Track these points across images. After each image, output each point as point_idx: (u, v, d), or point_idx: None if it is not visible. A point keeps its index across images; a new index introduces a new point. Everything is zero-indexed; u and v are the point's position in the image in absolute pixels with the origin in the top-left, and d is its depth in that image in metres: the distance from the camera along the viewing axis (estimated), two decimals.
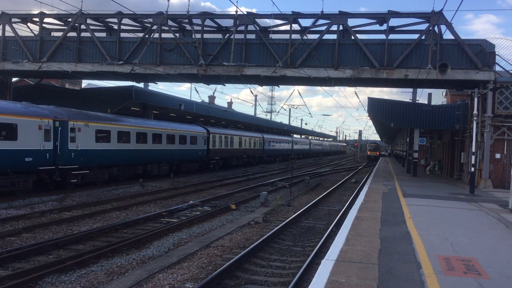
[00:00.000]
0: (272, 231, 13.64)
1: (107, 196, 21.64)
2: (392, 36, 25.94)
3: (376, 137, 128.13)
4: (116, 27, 28.31)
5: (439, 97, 51.92)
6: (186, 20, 27.43)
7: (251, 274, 9.98)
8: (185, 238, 13.38)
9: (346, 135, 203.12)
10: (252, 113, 79.94)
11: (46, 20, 29.11)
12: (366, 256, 8.42)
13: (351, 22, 25.84)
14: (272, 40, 26.60)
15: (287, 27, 26.77)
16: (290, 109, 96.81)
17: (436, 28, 24.65)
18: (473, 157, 22.88)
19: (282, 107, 74.95)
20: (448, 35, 25.21)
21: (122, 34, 28.12)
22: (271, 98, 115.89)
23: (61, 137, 21.62)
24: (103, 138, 24.67)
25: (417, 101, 40.25)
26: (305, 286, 8.88)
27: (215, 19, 27.78)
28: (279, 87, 43.88)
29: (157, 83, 33.37)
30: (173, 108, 37.76)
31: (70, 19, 27.94)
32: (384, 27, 25.61)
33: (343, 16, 25.55)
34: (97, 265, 10.33)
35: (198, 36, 26.92)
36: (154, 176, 30.16)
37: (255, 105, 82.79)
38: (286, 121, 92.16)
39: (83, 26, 27.83)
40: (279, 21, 27.33)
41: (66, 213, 16.79)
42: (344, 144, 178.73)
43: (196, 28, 27.39)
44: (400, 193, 19.98)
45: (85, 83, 52.63)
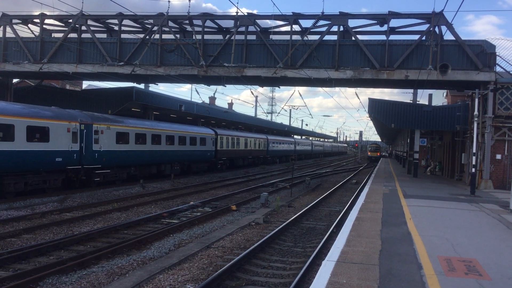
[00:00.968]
0: (273, 232, 13.63)
1: (107, 197, 21.64)
2: (392, 37, 25.95)
3: (377, 138, 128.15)
4: (116, 28, 28.33)
5: (439, 98, 51.94)
6: (187, 21, 27.44)
7: (252, 275, 9.97)
8: (186, 239, 13.37)
9: (346, 136, 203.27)
10: (253, 114, 79.97)
11: (46, 21, 29.16)
12: (367, 257, 8.41)
13: (352, 23, 25.90)
14: (272, 41, 26.61)
15: (288, 28, 26.81)
16: (290, 110, 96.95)
17: (436, 29, 24.64)
18: (474, 158, 22.87)
19: (282, 108, 75.10)
20: (448, 36, 25.24)
21: (123, 35, 28.14)
22: (272, 99, 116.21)
23: (86, 139, 23.28)
24: (122, 139, 26.36)
25: (417, 102, 40.24)
26: (306, 287, 8.87)
27: (216, 20, 27.79)
28: (279, 88, 44.09)
29: (157, 84, 33.43)
30: (173, 109, 37.80)
31: (70, 20, 27.97)
32: (385, 28, 25.62)
33: (343, 17, 25.55)
34: (98, 266, 10.32)
35: (199, 37, 26.93)
36: (167, 176, 31.48)
37: (256, 106, 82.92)
38: (286, 122, 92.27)
39: (83, 27, 27.85)
40: (280, 22, 27.35)
41: (66, 214, 16.79)
42: (345, 145, 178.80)
43: (196, 29, 27.40)
44: (400, 194, 19.97)
45: (85, 84, 52.70)
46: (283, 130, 77.84)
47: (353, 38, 25.70)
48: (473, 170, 22.59)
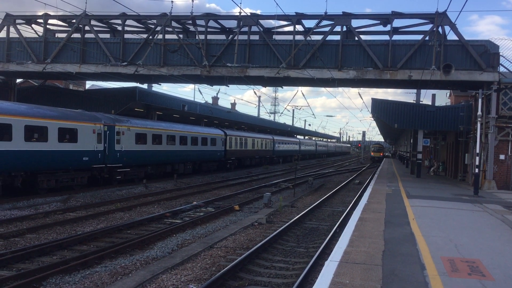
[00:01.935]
0: (276, 232, 13.64)
1: (110, 197, 21.69)
2: (396, 37, 25.91)
3: (380, 138, 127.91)
4: (120, 28, 28.37)
5: (443, 98, 51.93)
6: (190, 21, 27.45)
7: (255, 275, 9.98)
8: (189, 239, 13.38)
9: (349, 136, 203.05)
10: (256, 114, 80.00)
11: (50, 21, 29.23)
12: (370, 257, 8.41)
13: (355, 23, 25.96)
14: (275, 41, 26.60)
15: (291, 28, 26.77)
16: (293, 110, 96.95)
17: (440, 29, 24.59)
18: (477, 158, 22.82)
19: (285, 108, 75.17)
20: (452, 36, 25.10)
21: (126, 35, 28.18)
22: (275, 99, 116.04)
23: (109, 139, 24.79)
24: (141, 140, 27.93)
25: (421, 102, 40.17)
26: (308, 287, 8.87)
27: (219, 20, 27.82)
28: (282, 88, 44.15)
29: (160, 84, 33.49)
30: (176, 109, 37.86)
31: (74, 21, 28.03)
32: (388, 28, 25.58)
33: (346, 17, 25.53)
34: (101, 265, 10.34)
35: (202, 37, 26.94)
36: (180, 174, 32.95)
37: (259, 106, 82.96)
38: (289, 122, 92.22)
39: (87, 28, 27.90)
40: (283, 22, 27.35)
41: (70, 214, 16.83)
42: (348, 145, 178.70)
43: (199, 29, 27.43)
44: (404, 194, 19.94)
45: (89, 84, 52.81)
46: (286, 130, 77.85)
47: (356, 38, 25.66)
48: (477, 170, 22.53)
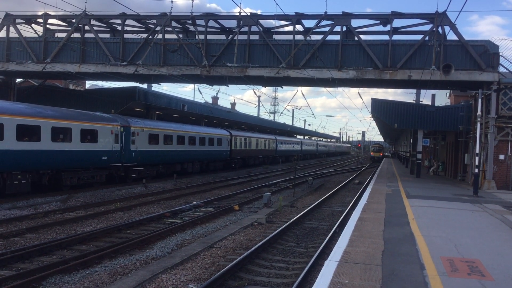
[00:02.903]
0: (275, 232, 13.64)
1: (110, 196, 21.69)
2: (395, 37, 25.91)
3: (380, 138, 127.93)
4: (120, 28, 28.35)
5: (442, 98, 51.86)
6: (190, 21, 27.45)
7: (255, 275, 9.98)
8: (188, 238, 13.38)
9: (349, 136, 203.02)
10: (256, 114, 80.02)
11: (50, 21, 29.20)
12: (370, 257, 8.41)
13: (355, 23, 25.98)
14: (275, 41, 26.59)
15: (291, 28, 26.77)
16: (293, 110, 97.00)
17: (439, 29, 24.60)
18: (477, 158, 22.82)
19: (285, 108, 75.19)
20: (452, 36, 25.10)
21: (126, 35, 28.16)
22: (275, 99, 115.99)
23: (125, 140, 26.27)
24: (154, 140, 29.46)
25: (420, 102, 40.18)
26: (308, 287, 8.87)
27: (219, 20, 27.81)
28: (282, 88, 44.32)
29: (160, 84, 33.51)
30: (176, 109, 37.86)
31: (74, 20, 28.01)
32: (388, 28, 25.58)
33: (346, 17, 25.52)
34: (101, 265, 10.35)
35: (202, 37, 26.93)
36: (189, 173, 35.01)
37: (258, 106, 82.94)
38: (289, 122, 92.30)
39: (87, 27, 27.89)
40: (283, 22, 27.34)
41: (69, 214, 16.83)
42: (348, 145, 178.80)
43: (199, 29, 27.41)
44: (403, 194, 19.95)
45: (88, 84, 52.78)
46: (286, 130, 77.92)
47: (356, 38, 25.66)
48: (476, 170, 22.53)
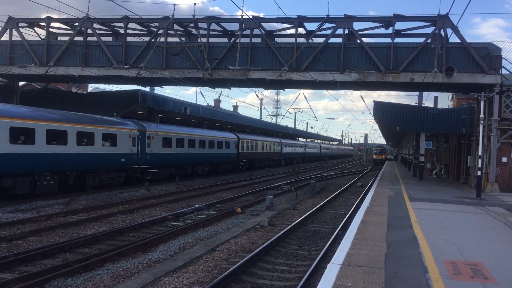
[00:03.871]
0: (278, 235, 13.63)
1: (113, 199, 21.71)
2: (398, 40, 25.94)
3: (382, 140, 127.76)
4: (122, 31, 28.43)
5: (445, 100, 51.81)
6: (192, 25, 27.51)
7: (257, 278, 9.97)
8: (191, 241, 13.38)
9: (352, 139, 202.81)
10: (258, 117, 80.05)
11: (53, 24, 29.25)
12: (372, 260, 8.39)
13: (357, 25, 25.89)
14: (277, 44, 26.62)
15: (293, 31, 26.81)
16: (295, 112, 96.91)
17: (442, 32, 24.59)
18: (480, 160, 22.77)
19: (287, 111, 75.30)
20: (454, 39, 25.09)
21: (128, 39, 28.22)
22: (277, 102, 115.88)
23: (141, 143, 27.54)
24: (167, 144, 30.74)
25: (423, 105, 40.12)
26: None
27: (221, 23, 27.86)
28: (284, 90, 44.42)
29: (163, 87, 33.58)
30: (179, 112, 37.91)
31: (76, 24, 28.09)
32: (390, 30, 25.59)
33: (348, 20, 25.53)
34: (103, 268, 10.35)
35: (204, 40, 26.98)
36: (199, 175, 36.36)
37: (261, 108, 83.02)
38: (291, 125, 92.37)
39: (89, 31, 27.96)
40: (285, 25, 27.37)
41: (72, 217, 16.85)
42: (351, 148, 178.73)
43: (202, 32, 27.46)
44: (406, 197, 19.91)
45: (91, 87, 52.84)
46: (288, 133, 77.96)
47: (358, 41, 25.67)
48: (479, 173, 22.48)
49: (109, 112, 30.71)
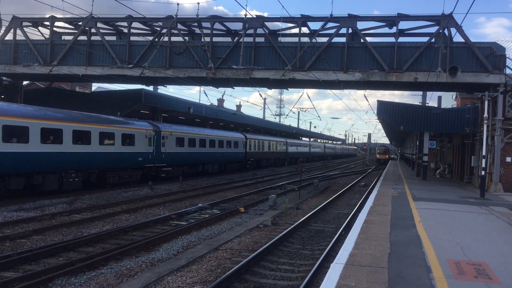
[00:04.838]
0: (281, 234, 13.63)
1: (116, 198, 21.75)
2: (401, 39, 25.83)
3: (386, 140, 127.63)
4: (126, 30, 28.48)
5: (449, 100, 51.65)
6: (196, 24, 27.53)
7: (260, 277, 9.97)
8: (194, 241, 13.39)
9: (355, 138, 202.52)
10: (261, 116, 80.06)
11: (56, 24, 29.33)
12: (376, 260, 8.38)
13: (360, 25, 25.83)
14: (281, 43, 26.61)
15: (296, 30, 26.78)
16: (299, 112, 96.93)
17: (446, 31, 24.52)
18: (484, 160, 22.71)
19: (291, 110, 75.36)
20: (458, 38, 25.02)
21: (132, 38, 28.26)
22: (280, 101, 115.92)
23: (156, 143, 28.76)
24: (180, 143, 31.98)
25: (427, 104, 40.03)
26: None
27: (224, 23, 27.86)
28: (288, 90, 44.40)
29: (166, 86, 33.64)
30: (182, 111, 37.97)
31: (80, 23, 28.15)
32: (394, 30, 25.53)
33: (352, 19, 25.49)
34: (107, 267, 10.37)
35: (208, 39, 26.99)
36: (209, 174, 37.85)
37: (264, 108, 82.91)
38: (294, 124, 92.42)
39: (93, 30, 28.02)
40: (289, 24, 27.33)
41: (76, 216, 16.89)
42: (355, 147, 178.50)
43: (205, 31, 27.47)
44: (410, 197, 19.87)
45: (95, 87, 52.96)
46: (291, 133, 77.95)
47: (362, 40, 25.63)
48: (483, 173, 22.42)
49: (113, 112, 30.84)
